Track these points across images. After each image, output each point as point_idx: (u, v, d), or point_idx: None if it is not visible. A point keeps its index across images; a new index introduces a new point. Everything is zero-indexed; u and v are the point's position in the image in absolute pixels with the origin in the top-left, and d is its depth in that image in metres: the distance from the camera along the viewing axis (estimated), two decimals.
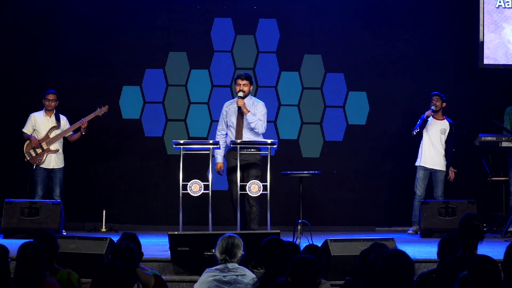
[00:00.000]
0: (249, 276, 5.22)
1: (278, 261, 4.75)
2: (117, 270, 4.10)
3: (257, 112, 8.32)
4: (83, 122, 9.51)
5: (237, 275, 5.17)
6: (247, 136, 8.31)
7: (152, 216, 10.47)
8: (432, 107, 9.71)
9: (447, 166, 9.81)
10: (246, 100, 8.35)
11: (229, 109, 8.45)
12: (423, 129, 9.73)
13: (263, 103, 8.46)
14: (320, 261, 4.39)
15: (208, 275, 5.21)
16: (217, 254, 5.26)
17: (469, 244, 4.79)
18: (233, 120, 8.38)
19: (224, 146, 8.43)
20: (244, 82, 8.35)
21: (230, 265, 5.20)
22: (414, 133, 9.77)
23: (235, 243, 5.25)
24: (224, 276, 5.16)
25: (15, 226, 8.90)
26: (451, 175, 9.83)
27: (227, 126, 8.46)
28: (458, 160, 10.02)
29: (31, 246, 4.69)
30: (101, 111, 9.67)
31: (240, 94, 8.30)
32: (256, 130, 8.33)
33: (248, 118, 8.28)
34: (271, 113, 10.27)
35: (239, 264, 5.26)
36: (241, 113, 8.34)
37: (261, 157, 8.30)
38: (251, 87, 8.43)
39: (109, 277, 4.06)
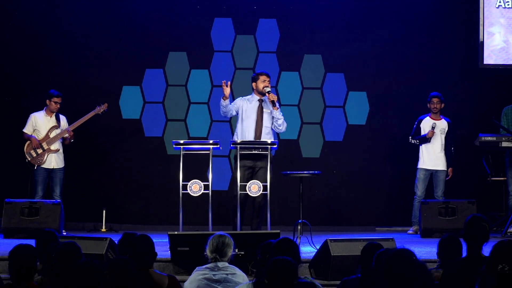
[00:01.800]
0: (240, 275, 5.23)
1: None
2: (92, 269, 4.05)
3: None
4: (69, 131, 9.50)
5: (227, 274, 5.18)
6: (265, 134, 8.29)
7: (152, 216, 10.47)
8: (429, 115, 9.75)
9: (448, 166, 9.81)
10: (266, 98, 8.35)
11: (247, 108, 8.35)
12: (423, 143, 9.74)
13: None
14: (295, 257, 4.42)
15: (198, 273, 5.22)
16: (208, 253, 5.27)
17: (474, 245, 4.75)
18: (252, 117, 8.33)
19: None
20: (269, 79, 8.36)
21: (220, 264, 5.21)
22: (413, 141, 9.78)
23: (225, 242, 5.26)
24: (214, 275, 5.17)
25: (15, 226, 8.90)
26: (450, 174, 9.84)
27: (236, 114, 8.40)
28: (458, 160, 10.02)
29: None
30: (100, 109, 9.67)
31: (268, 89, 8.28)
32: (280, 128, 8.32)
33: (275, 114, 8.26)
34: None
35: (229, 263, 5.27)
36: (261, 112, 8.31)
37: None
38: None
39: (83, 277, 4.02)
